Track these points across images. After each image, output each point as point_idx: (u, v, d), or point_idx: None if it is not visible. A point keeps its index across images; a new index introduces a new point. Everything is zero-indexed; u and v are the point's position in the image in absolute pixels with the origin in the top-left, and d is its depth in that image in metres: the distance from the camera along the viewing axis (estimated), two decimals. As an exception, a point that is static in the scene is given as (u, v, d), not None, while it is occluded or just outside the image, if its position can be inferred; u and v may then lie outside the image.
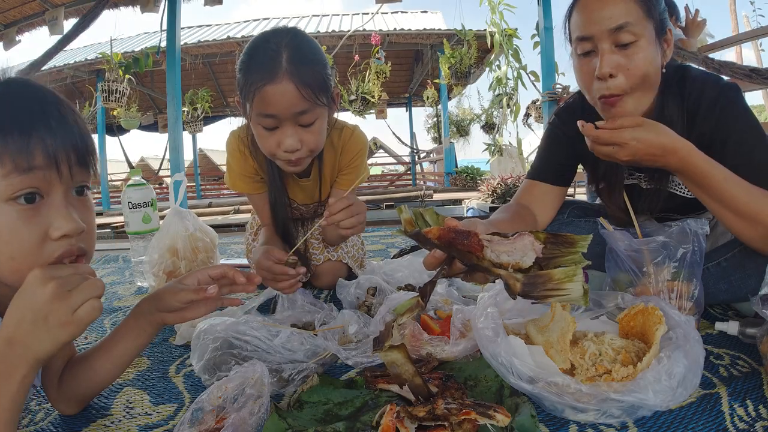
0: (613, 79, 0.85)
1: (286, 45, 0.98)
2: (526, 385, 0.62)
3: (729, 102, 0.88)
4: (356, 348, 0.87)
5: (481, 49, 5.76)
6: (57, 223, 0.54)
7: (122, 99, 5.01)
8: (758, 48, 7.15)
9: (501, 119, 6.47)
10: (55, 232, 0.54)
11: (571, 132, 1.07)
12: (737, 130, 0.87)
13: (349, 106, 6.36)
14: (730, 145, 0.87)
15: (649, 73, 0.86)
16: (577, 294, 0.60)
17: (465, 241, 0.63)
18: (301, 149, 1.03)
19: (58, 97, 0.58)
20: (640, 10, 0.84)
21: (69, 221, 0.54)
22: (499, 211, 1.01)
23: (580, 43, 0.89)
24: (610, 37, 0.84)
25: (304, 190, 1.30)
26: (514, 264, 0.63)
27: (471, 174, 7.40)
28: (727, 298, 0.95)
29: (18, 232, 0.52)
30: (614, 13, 0.83)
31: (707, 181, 0.80)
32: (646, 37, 0.84)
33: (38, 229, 0.53)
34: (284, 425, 0.61)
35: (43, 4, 3.87)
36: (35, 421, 0.72)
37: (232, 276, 0.71)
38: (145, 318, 0.70)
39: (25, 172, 0.52)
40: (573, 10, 0.91)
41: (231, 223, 3.91)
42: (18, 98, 0.55)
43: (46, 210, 0.54)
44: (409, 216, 0.68)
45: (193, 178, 9.57)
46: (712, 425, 0.61)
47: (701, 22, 2.45)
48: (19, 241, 0.53)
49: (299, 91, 0.96)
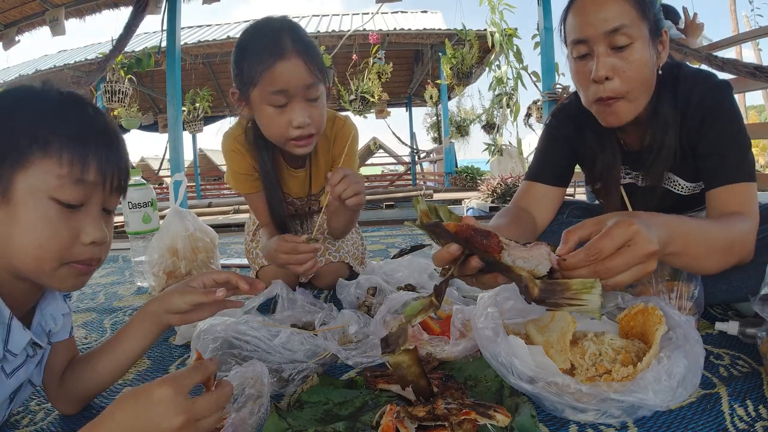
0: (609, 82, 0.85)
1: (285, 28, 1.04)
2: (526, 385, 0.62)
3: (716, 99, 0.89)
4: (356, 348, 0.87)
5: (482, 49, 5.77)
6: (89, 229, 0.58)
7: (125, 99, 5.02)
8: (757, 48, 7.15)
9: (501, 119, 6.47)
10: (87, 238, 0.58)
11: (568, 132, 1.07)
12: (719, 125, 0.88)
13: (348, 105, 6.36)
14: (709, 139, 0.89)
15: (645, 76, 0.86)
16: (594, 306, 0.58)
17: (484, 240, 0.61)
18: (311, 125, 1.07)
19: (113, 121, 0.63)
20: (635, 12, 0.84)
21: (100, 231, 0.59)
22: (498, 215, 1.01)
23: (576, 46, 0.89)
24: (605, 39, 0.84)
25: (298, 181, 1.31)
26: (530, 271, 0.61)
27: (471, 174, 7.40)
28: (727, 298, 0.95)
29: (53, 227, 0.56)
30: (609, 16, 0.83)
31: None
32: (641, 39, 0.84)
33: (71, 231, 0.57)
34: (284, 425, 0.61)
35: (43, 4, 3.87)
36: (35, 421, 0.72)
37: (236, 282, 0.72)
38: (151, 319, 0.71)
39: (76, 183, 0.56)
40: (568, 13, 0.91)
41: (231, 223, 3.91)
42: (82, 111, 0.60)
43: (82, 217, 0.58)
44: (425, 207, 0.66)
45: (193, 178, 9.57)
46: (712, 425, 0.61)
47: (700, 25, 2.46)
48: (52, 235, 0.56)
49: (307, 66, 1.02)
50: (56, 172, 0.55)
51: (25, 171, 0.55)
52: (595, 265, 0.59)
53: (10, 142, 0.55)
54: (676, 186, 1.01)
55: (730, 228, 0.79)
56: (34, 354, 0.63)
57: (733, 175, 0.86)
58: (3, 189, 0.54)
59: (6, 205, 0.55)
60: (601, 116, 0.91)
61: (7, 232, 0.55)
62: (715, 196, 0.88)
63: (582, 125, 1.03)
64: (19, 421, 0.72)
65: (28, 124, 0.56)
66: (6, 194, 0.54)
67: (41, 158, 0.55)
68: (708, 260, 0.76)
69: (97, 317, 1.27)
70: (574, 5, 0.89)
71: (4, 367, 0.58)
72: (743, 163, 0.87)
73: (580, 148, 1.06)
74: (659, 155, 0.94)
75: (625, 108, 0.88)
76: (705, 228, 0.75)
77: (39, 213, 0.55)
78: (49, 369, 0.70)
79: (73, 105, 0.60)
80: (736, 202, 0.86)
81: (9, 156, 0.54)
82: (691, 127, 0.91)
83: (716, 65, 2.18)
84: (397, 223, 3.07)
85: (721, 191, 0.88)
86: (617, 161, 1.01)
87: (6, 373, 0.59)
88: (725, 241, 0.77)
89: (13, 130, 0.55)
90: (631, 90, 0.86)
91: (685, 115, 0.91)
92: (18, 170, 0.54)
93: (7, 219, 0.55)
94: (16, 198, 0.54)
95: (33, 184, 0.55)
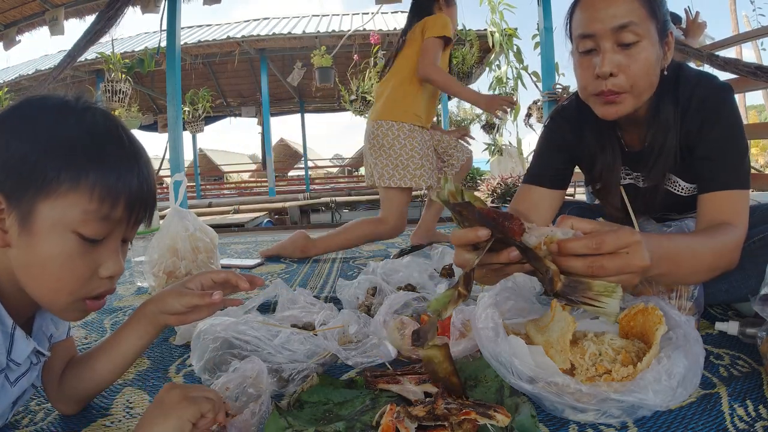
0: (614, 78, 0.85)
1: None
2: (526, 385, 0.62)
3: (716, 102, 0.88)
4: (356, 348, 0.87)
5: (482, 48, 5.77)
6: (109, 264, 0.57)
7: (124, 99, 5.01)
8: (758, 47, 7.16)
9: (501, 119, 6.48)
10: (105, 272, 0.57)
11: (567, 135, 1.06)
12: (718, 129, 0.88)
13: (349, 106, 6.36)
14: (706, 142, 0.88)
15: (649, 75, 0.85)
16: (612, 310, 0.58)
17: (507, 222, 0.59)
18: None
19: (141, 146, 0.59)
20: (644, 10, 0.83)
21: (118, 265, 0.58)
22: None
23: (582, 40, 0.88)
24: (612, 35, 0.83)
25: None
26: (546, 240, 0.60)
27: (471, 174, 7.40)
28: (727, 298, 0.95)
29: (73, 261, 0.54)
30: (618, 12, 0.82)
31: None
32: (648, 38, 0.84)
33: (91, 265, 0.56)
34: (284, 424, 0.61)
35: (43, 5, 3.87)
36: (35, 421, 0.72)
37: (235, 282, 0.71)
38: (147, 319, 0.70)
39: (103, 219, 0.54)
40: (576, 8, 0.90)
41: (231, 223, 3.92)
42: (118, 139, 0.56)
43: (102, 250, 0.56)
44: (452, 188, 0.62)
45: (193, 178, 9.56)
46: (712, 425, 0.61)
47: (702, 24, 2.45)
48: (71, 270, 0.54)
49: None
50: (84, 207, 0.52)
51: (49, 200, 0.51)
52: (592, 259, 0.58)
53: (36, 165, 0.51)
54: (676, 187, 1.01)
55: (717, 245, 0.79)
56: (38, 362, 0.63)
57: (727, 181, 0.86)
58: (23, 216, 0.51)
59: (26, 234, 0.51)
60: (599, 107, 0.90)
61: (24, 261, 0.53)
62: (707, 200, 0.88)
63: (582, 126, 1.03)
64: (19, 421, 0.72)
65: (58, 148, 0.52)
66: (26, 222, 0.51)
67: (70, 190, 0.51)
68: (692, 278, 0.79)
69: (97, 317, 1.27)
70: (582, 0, 0.89)
71: (8, 376, 0.58)
72: (738, 170, 0.87)
73: (579, 150, 1.06)
74: (660, 156, 0.94)
75: (625, 101, 0.87)
76: (693, 248, 0.76)
77: (60, 247, 0.52)
78: (48, 369, 0.70)
79: (109, 130, 0.55)
80: (727, 210, 0.85)
81: (34, 182, 0.50)
82: (691, 128, 0.90)
83: (717, 65, 2.18)
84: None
85: (714, 197, 0.87)
86: (617, 162, 1.01)
87: (10, 381, 0.58)
88: (712, 260, 0.77)
89: (40, 152, 0.51)
90: (634, 87, 0.85)
91: (685, 116, 0.91)
92: (41, 198, 0.51)
93: (24, 248, 0.52)
94: (37, 228, 0.51)
95: (57, 217, 0.51)
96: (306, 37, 6.70)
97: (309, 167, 11.25)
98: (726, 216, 0.85)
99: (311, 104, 10.05)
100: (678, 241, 0.74)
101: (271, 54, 7.35)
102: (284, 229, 3.12)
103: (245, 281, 0.71)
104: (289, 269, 1.77)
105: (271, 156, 7.68)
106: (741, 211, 0.85)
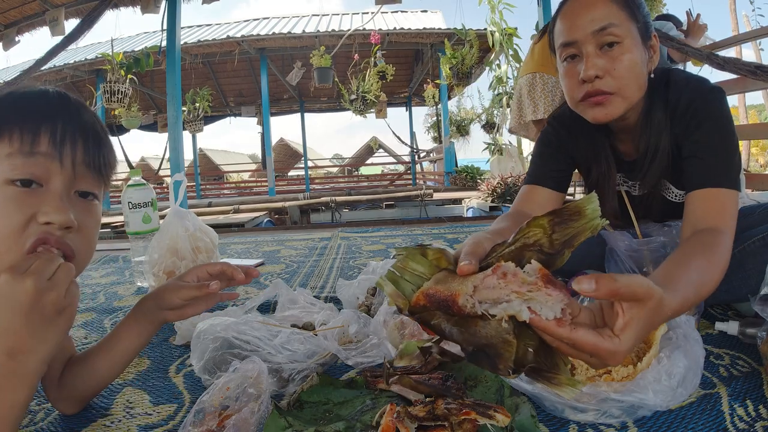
0: (599, 80, 0.84)
1: None
2: (526, 385, 0.62)
3: (705, 102, 0.87)
4: (356, 348, 0.87)
5: (482, 48, 5.77)
6: (45, 208, 0.52)
7: (124, 99, 5.02)
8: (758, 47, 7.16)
9: (501, 119, 6.48)
10: (42, 217, 0.52)
11: (564, 139, 1.06)
12: (705, 127, 0.86)
13: (349, 105, 6.36)
14: (693, 141, 0.87)
15: (635, 75, 0.84)
16: (565, 398, 0.48)
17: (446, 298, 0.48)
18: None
19: (84, 103, 0.59)
20: (624, 12, 0.83)
21: (59, 211, 0.52)
22: (499, 219, 1.00)
23: (565, 48, 0.88)
24: (594, 39, 0.83)
25: None
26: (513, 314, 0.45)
27: (471, 173, 7.40)
28: (727, 298, 0.95)
29: (5, 211, 0.51)
30: (597, 16, 0.83)
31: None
32: (630, 38, 0.83)
33: (26, 212, 0.52)
34: (284, 424, 0.61)
35: (43, 5, 3.87)
36: (35, 421, 0.72)
37: (231, 273, 0.71)
38: (146, 317, 0.70)
39: (27, 156, 0.51)
40: (556, 20, 0.90)
41: (231, 223, 3.92)
42: (43, 93, 0.57)
43: (41, 197, 0.53)
44: (392, 290, 0.52)
45: (193, 177, 9.57)
46: (712, 425, 0.61)
47: (702, 26, 2.45)
48: (7, 217, 0.51)
49: None
50: (6, 152, 0.51)
51: None
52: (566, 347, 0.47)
53: None
54: (670, 193, 1.00)
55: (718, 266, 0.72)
56: None
57: (714, 179, 0.83)
58: None
59: None
60: (588, 111, 0.89)
61: None
62: (693, 199, 0.85)
63: (577, 134, 1.02)
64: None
65: None
66: None
67: None
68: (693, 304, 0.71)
69: (97, 317, 1.27)
70: (561, 11, 0.89)
71: None
72: (727, 169, 0.84)
73: (577, 153, 1.06)
74: (654, 160, 0.93)
75: (614, 102, 0.86)
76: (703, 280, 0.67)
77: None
78: (48, 369, 0.69)
79: (35, 90, 0.56)
80: (715, 211, 0.81)
81: None
82: (679, 131, 0.89)
83: (717, 64, 2.17)
84: (396, 224, 3.07)
85: (701, 194, 0.84)
86: (612, 169, 1.00)
87: None
88: (713, 285, 0.70)
89: None
90: (622, 88, 0.85)
91: (673, 119, 0.90)
92: None
93: None
94: None
95: None
96: (306, 36, 6.71)
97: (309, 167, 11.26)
98: (712, 218, 0.80)
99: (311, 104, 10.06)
100: (685, 289, 0.62)
101: (271, 54, 7.36)
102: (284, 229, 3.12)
103: (240, 273, 0.71)
104: (289, 269, 1.77)
105: (271, 156, 7.69)
106: (728, 213, 0.81)
